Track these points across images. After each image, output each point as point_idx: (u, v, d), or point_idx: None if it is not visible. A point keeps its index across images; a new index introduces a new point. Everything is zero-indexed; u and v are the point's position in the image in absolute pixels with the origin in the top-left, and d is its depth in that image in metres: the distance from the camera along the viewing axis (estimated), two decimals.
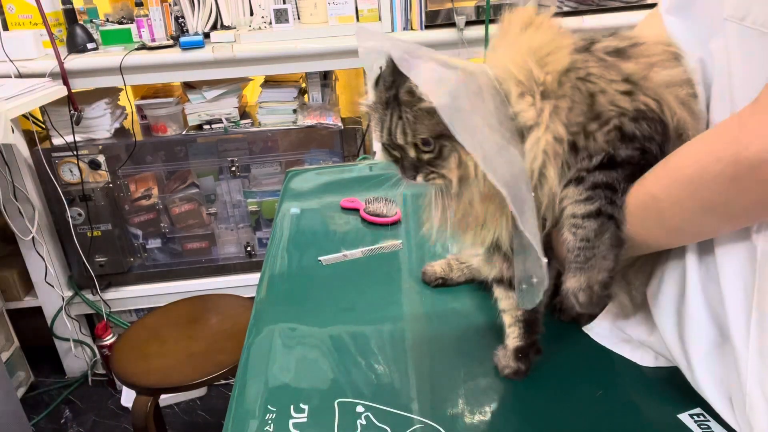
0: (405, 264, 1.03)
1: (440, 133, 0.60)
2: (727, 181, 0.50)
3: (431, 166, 0.63)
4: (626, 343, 0.76)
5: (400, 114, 0.62)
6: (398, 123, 0.62)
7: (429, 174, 0.64)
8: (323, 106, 2.18)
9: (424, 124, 0.61)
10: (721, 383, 0.61)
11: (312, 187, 1.39)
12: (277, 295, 0.97)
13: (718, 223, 0.57)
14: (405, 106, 0.61)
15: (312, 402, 0.73)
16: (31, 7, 1.94)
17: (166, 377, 1.46)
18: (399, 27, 1.99)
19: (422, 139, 0.62)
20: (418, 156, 0.63)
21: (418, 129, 0.61)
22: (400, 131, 0.63)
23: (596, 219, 0.61)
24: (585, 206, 0.62)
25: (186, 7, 1.99)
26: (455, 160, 0.61)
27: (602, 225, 0.62)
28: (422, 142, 0.62)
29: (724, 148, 0.50)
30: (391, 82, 0.63)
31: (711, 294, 0.61)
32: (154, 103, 2.12)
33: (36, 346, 2.32)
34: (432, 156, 0.62)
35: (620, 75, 0.60)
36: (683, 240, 0.62)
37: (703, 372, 0.62)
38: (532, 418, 0.70)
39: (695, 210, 0.55)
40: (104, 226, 2.14)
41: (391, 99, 0.63)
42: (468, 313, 0.89)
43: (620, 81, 0.60)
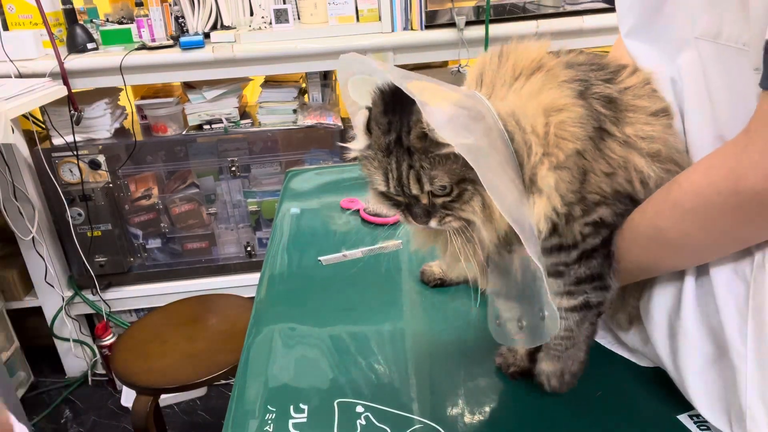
0: (405, 264, 1.03)
1: (462, 177, 0.55)
2: (730, 211, 0.51)
3: (447, 210, 0.58)
4: (625, 344, 0.77)
5: (411, 162, 0.56)
6: (410, 172, 0.56)
7: (444, 218, 0.58)
8: (323, 106, 2.18)
9: (444, 170, 0.55)
10: (716, 398, 0.61)
11: (312, 187, 1.39)
12: (277, 295, 0.97)
13: (726, 248, 0.57)
14: (418, 153, 0.55)
15: (312, 402, 0.73)
16: (31, 7, 1.94)
17: (166, 377, 1.46)
18: (399, 27, 1.99)
19: (440, 185, 0.56)
20: (431, 201, 0.58)
21: (437, 176, 0.55)
22: (413, 181, 0.56)
23: (579, 312, 0.66)
24: (568, 300, 0.65)
25: (186, 7, 1.99)
26: (479, 204, 0.56)
27: (584, 316, 0.67)
28: (440, 187, 0.56)
29: (723, 180, 0.51)
30: (387, 125, 0.56)
31: (706, 308, 0.61)
32: (154, 103, 2.12)
33: (36, 346, 2.32)
34: (448, 200, 0.57)
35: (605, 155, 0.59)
36: (692, 264, 0.61)
37: (698, 386, 0.62)
38: (532, 418, 0.70)
39: (703, 239, 0.56)
40: (104, 226, 2.14)
41: (392, 144, 0.56)
42: (468, 313, 0.89)
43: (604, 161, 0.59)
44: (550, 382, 0.70)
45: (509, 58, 0.61)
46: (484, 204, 0.56)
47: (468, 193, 0.56)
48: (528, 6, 1.98)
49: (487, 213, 0.56)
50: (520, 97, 0.58)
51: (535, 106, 0.57)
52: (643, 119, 0.61)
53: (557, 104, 0.57)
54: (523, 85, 0.59)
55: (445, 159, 0.55)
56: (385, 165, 0.57)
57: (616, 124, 0.60)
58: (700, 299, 0.61)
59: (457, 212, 0.57)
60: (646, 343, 0.71)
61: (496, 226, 0.56)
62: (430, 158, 0.55)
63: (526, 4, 1.98)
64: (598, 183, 0.60)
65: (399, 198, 0.60)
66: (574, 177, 0.58)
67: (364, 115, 0.58)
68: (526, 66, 0.60)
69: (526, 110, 0.57)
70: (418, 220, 0.59)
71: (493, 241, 0.58)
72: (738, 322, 0.56)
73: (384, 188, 0.59)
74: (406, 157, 0.56)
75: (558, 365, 0.69)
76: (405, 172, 0.56)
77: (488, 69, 0.62)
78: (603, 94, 0.60)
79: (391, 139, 0.56)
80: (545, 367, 0.70)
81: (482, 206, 0.56)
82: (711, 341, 0.61)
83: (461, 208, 0.57)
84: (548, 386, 0.70)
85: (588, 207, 0.61)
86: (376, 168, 0.59)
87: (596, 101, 0.60)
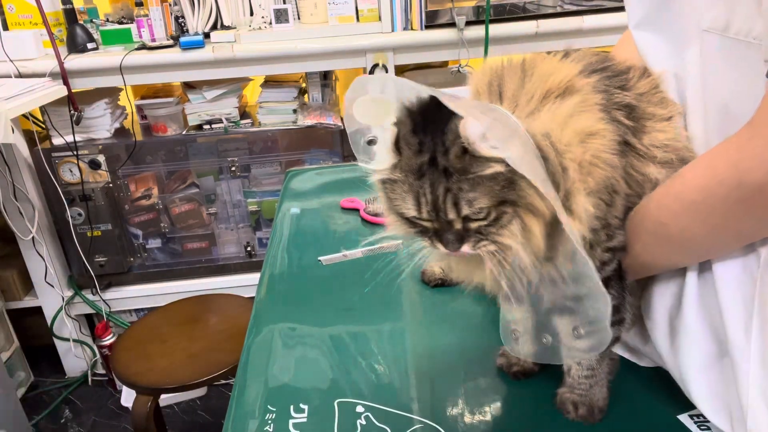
0: (405, 264, 1.03)
1: (502, 199, 0.52)
2: (733, 204, 0.51)
3: (481, 234, 0.54)
4: (625, 344, 0.77)
5: (447, 185, 0.51)
6: (447, 196, 0.52)
7: (479, 242, 0.55)
8: (323, 106, 2.18)
9: (484, 192, 0.51)
10: (717, 397, 0.61)
11: (312, 187, 1.39)
12: (277, 295, 0.97)
13: (728, 243, 0.56)
14: (457, 173, 0.51)
15: (312, 402, 0.73)
16: (31, 7, 1.94)
17: (166, 377, 1.46)
18: (399, 27, 1.99)
19: (479, 207, 0.52)
20: (465, 226, 0.54)
21: (477, 199, 0.51)
22: (450, 205, 0.52)
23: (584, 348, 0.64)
24: (589, 340, 0.63)
25: (186, 7, 1.99)
26: (518, 227, 0.53)
27: (604, 353, 0.66)
28: (479, 210, 0.52)
29: (725, 173, 0.50)
30: (418, 145, 0.52)
31: (709, 306, 0.60)
32: (154, 103, 2.12)
33: (36, 346, 2.32)
34: (484, 224, 0.53)
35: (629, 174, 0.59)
36: (694, 260, 0.61)
37: (699, 385, 0.62)
38: (532, 418, 0.70)
39: (705, 234, 0.56)
40: (104, 226, 2.14)
41: (425, 166, 0.52)
42: (468, 313, 0.89)
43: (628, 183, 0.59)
44: (578, 410, 0.69)
45: (534, 73, 0.58)
46: (523, 227, 0.53)
47: (507, 216, 0.53)
48: (528, 6, 1.98)
49: (527, 236, 0.53)
50: (555, 118, 0.55)
51: (572, 130, 0.55)
52: (658, 126, 0.61)
53: (592, 129, 0.56)
54: (557, 106, 0.56)
55: (485, 180, 0.51)
56: (417, 189, 0.53)
57: (636, 134, 0.60)
58: (703, 297, 0.61)
59: (492, 236, 0.54)
60: (646, 342, 0.71)
61: (534, 248, 0.54)
62: (470, 179, 0.51)
63: (526, 4, 1.98)
64: (620, 205, 0.59)
65: (428, 224, 0.56)
66: (603, 202, 0.58)
67: (392, 132, 0.54)
68: (555, 85, 0.57)
69: (563, 133, 0.54)
70: (450, 246, 0.55)
71: (533, 264, 0.55)
72: (743, 320, 0.56)
73: (414, 214, 0.55)
74: (442, 179, 0.52)
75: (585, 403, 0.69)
76: (441, 195, 0.52)
77: (508, 81, 0.58)
78: (623, 102, 0.60)
79: (423, 160, 0.52)
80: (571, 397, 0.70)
81: (521, 229, 0.53)
82: (713, 339, 0.61)
83: (497, 233, 0.54)
84: (574, 414, 0.69)
85: (611, 232, 0.60)
86: (405, 192, 0.54)
87: (618, 111, 0.59)
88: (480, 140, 0.49)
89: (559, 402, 0.70)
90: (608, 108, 0.58)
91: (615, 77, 0.62)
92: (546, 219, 0.53)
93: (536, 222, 0.53)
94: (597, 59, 0.64)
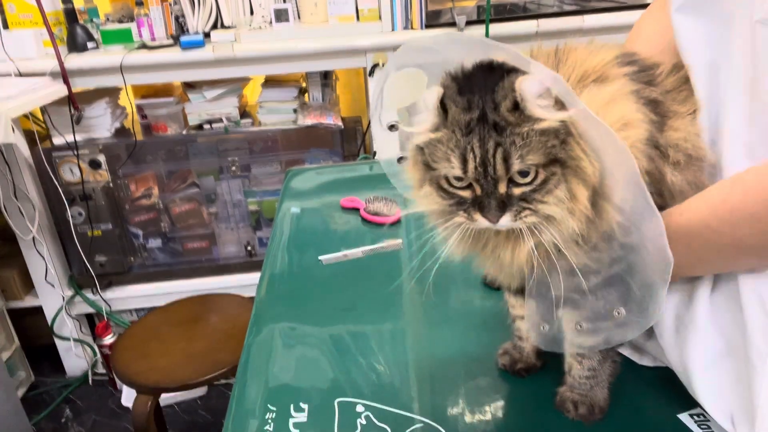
0: (405, 264, 1.03)
1: (554, 158, 0.51)
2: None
3: (525, 202, 0.52)
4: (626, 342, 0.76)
5: (498, 140, 0.50)
6: (497, 150, 0.50)
7: (521, 212, 0.52)
8: (323, 105, 2.18)
9: (537, 147, 0.50)
10: (721, 395, 0.60)
11: (312, 187, 1.39)
12: (277, 295, 0.97)
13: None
14: (511, 126, 0.50)
15: (312, 402, 0.73)
16: (31, 7, 1.94)
17: (167, 377, 1.46)
18: (399, 26, 1.99)
19: (531, 164, 0.51)
20: (509, 192, 0.52)
21: (529, 154, 0.50)
22: (500, 160, 0.51)
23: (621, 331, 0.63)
24: (591, 338, 0.64)
25: (186, 6, 1.99)
26: (564, 192, 0.51)
27: (606, 353, 0.66)
28: (529, 167, 0.51)
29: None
30: (467, 104, 0.52)
31: (719, 303, 0.60)
32: (154, 102, 2.12)
33: (36, 346, 2.32)
34: (529, 189, 0.52)
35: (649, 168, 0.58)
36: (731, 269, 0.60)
37: (704, 382, 0.61)
38: (532, 417, 0.70)
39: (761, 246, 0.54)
40: (104, 225, 2.14)
41: (474, 122, 0.51)
42: (468, 312, 0.89)
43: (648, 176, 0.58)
44: (578, 409, 0.69)
45: (568, 59, 0.58)
46: (570, 193, 0.51)
47: (554, 179, 0.51)
48: (528, 6, 1.98)
49: (572, 204, 0.52)
50: (595, 102, 0.54)
51: (613, 117, 0.54)
52: (674, 125, 0.61)
53: (631, 118, 0.55)
54: (598, 90, 0.55)
55: (537, 134, 0.50)
56: (465, 144, 0.51)
57: (660, 131, 0.59)
58: (715, 293, 0.61)
59: (536, 204, 0.52)
60: (649, 337, 0.71)
61: (579, 217, 0.52)
62: (522, 134, 0.50)
63: (526, 3, 1.98)
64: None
65: (466, 193, 0.54)
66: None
67: (436, 92, 0.53)
68: (591, 68, 0.57)
69: (606, 118, 0.53)
70: (490, 215, 0.52)
71: (573, 238, 0.53)
72: (763, 321, 0.55)
73: (460, 172, 0.53)
74: (492, 134, 0.50)
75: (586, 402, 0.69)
76: (491, 149, 0.51)
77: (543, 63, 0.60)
78: (650, 98, 0.59)
79: (473, 116, 0.51)
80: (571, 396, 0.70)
81: (568, 195, 0.51)
82: (720, 336, 0.60)
83: (543, 200, 0.52)
84: (574, 413, 0.69)
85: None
86: (451, 149, 0.52)
87: (645, 106, 0.58)
88: (535, 98, 0.49)
89: (559, 400, 0.70)
90: (638, 98, 0.58)
91: (642, 72, 0.62)
92: (593, 187, 0.52)
93: (583, 188, 0.51)
94: (624, 51, 0.63)
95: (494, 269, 0.63)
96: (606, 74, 0.57)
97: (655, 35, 0.76)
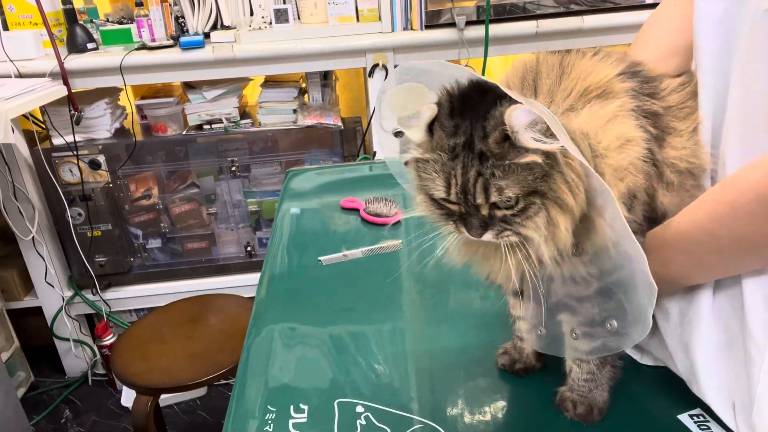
0: (405, 264, 1.03)
1: (532, 189, 0.52)
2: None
3: (506, 223, 0.54)
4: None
5: (480, 169, 0.52)
6: (478, 180, 0.52)
7: (502, 231, 0.55)
8: (323, 106, 2.18)
9: (516, 180, 0.51)
10: (723, 388, 0.60)
11: (312, 187, 1.39)
12: (277, 295, 0.97)
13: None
14: (494, 158, 0.51)
15: (312, 402, 0.73)
16: (31, 7, 1.94)
17: (167, 377, 1.46)
18: (399, 27, 1.99)
19: (509, 195, 0.52)
20: (491, 213, 0.54)
21: (508, 186, 0.51)
22: (480, 190, 0.52)
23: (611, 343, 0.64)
24: (588, 344, 0.64)
25: (186, 7, 1.99)
26: (543, 219, 0.53)
27: (605, 359, 0.66)
28: (507, 198, 0.52)
29: None
30: (454, 128, 0.53)
31: (721, 295, 0.60)
32: (154, 103, 2.12)
33: (36, 346, 2.32)
34: (510, 213, 0.53)
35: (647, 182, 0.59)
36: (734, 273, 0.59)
37: (708, 375, 0.61)
38: (532, 417, 0.70)
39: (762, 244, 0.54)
40: (104, 226, 2.14)
41: (460, 148, 0.52)
42: (468, 312, 0.89)
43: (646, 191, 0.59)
44: (577, 408, 0.69)
45: (572, 70, 0.58)
46: (549, 220, 0.53)
47: (534, 207, 0.53)
48: (528, 6, 1.98)
49: (551, 230, 0.53)
50: (595, 120, 0.55)
51: (612, 135, 0.55)
52: (672, 142, 0.61)
53: (630, 136, 0.56)
54: (599, 108, 0.56)
55: (520, 168, 0.51)
56: (449, 170, 0.53)
57: (659, 146, 0.59)
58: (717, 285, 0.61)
59: (517, 227, 0.54)
60: (651, 336, 0.71)
61: (557, 243, 0.54)
62: (504, 166, 0.51)
63: (526, 4, 1.98)
64: (639, 210, 0.59)
65: (454, 207, 0.56)
66: (625, 206, 0.57)
67: (430, 111, 0.54)
68: (594, 84, 0.57)
69: (603, 136, 0.54)
70: (473, 231, 0.55)
71: (554, 258, 0.55)
72: (764, 314, 0.55)
73: (443, 195, 0.55)
74: (475, 163, 0.52)
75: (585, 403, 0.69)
76: (472, 179, 0.52)
77: (545, 77, 0.58)
78: (651, 110, 0.60)
79: (458, 141, 0.52)
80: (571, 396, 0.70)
81: (546, 222, 0.53)
82: (723, 329, 0.60)
83: (522, 224, 0.54)
84: (573, 412, 0.69)
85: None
86: (436, 172, 0.54)
87: (645, 119, 0.59)
88: (524, 130, 0.49)
89: (558, 399, 0.70)
90: (638, 114, 0.58)
91: (645, 84, 0.62)
92: (574, 216, 0.53)
93: (563, 217, 0.53)
94: (629, 62, 0.63)
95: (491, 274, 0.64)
96: (609, 89, 0.57)
97: (665, 37, 0.76)
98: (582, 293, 0.61)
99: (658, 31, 0.78)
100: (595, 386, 0.68)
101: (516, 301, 0.73)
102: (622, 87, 0.58)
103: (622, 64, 0.62)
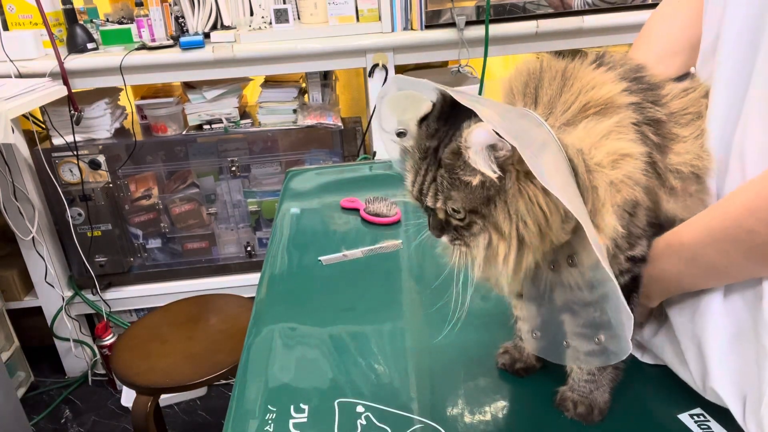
0: (405, 264, 1.03)
1: (473, 208, 0.54)
2: None
3: (458, 233, 0.57)
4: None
5: (435, 175, 0.55)
6: (431, 185, 0.55)
7: (455, 239, 0.58)
8: (323, 106, 2.18)
9: (460, 194, 0.54)
10: (733, 381, 0.60)
11: (312, 187, 1.39)
12: (277, 295, 0.97)
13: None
14: (445, 168, 0.54)
15: (312, 402, 0.73)
16: (31, 7, 1.94)
17: (167, 377, 1.46)
18: (399, 27, 1.99)
19: (453, 208, 0.55)
20: (447, 219, 0.57)
21: (452, 198, 0.54)
22: (431, 194, 0.56)
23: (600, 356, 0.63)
24: (588, 344, 0.63)
25: (186, 7, 1.99)
26: (484, 241, 0.55)
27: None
28: (453, 210, 0.55)
29: None
30: (434, 131, 0.55)
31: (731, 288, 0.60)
32: (154, 103, 2.12)
33: (36, 346, 2.32)
34: (461, 225, 0.56)
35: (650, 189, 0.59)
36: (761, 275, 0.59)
37: (720, 369, 0.61)
38: (532, 417, 0.70)
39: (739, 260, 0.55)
40: (104, 226, 2.14)
41: (429, 151, 0.55)
42: (468, 312, 0.88)
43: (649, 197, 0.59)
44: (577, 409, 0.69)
45: (574, 83, 0.58)
46: (489, 244, 0.55)
47: (476, 226, 0.55)
48: (528, 6, 1.98)
49: (490, 254, 0.55)
50: (589, 136, 0.55)
51: (605, 151, 0.55)
52: (677, 149, 0.61)
53: (625, 151, 0.56)
54: (594, 125, 0.56)
55: (463, 184, 0.53)
56: (417, 167, 0.56)
57: (659, 151, 0.60)
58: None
59: (465, 239, 0.57)
60: (655, 333, 0.71)
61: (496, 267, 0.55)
62: (453, 178, 0.53)
63: (526, 4, 1.98)
64: (643, 216, 0.60)
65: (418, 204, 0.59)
66: (627, 213, 0.58)
67: (427, 106, 0.57)
68: (595, 100, 0.57)
69: (596, 152, 0.55)
70: (432, 231, 0.59)
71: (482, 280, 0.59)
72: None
73: (409, 189, 0.59)
74: (433, 169, 0.55)
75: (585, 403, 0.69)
76: (427, 182, 0.55)
77: (546, 86, 0.59)
78: (654, 118, 0.60)
79: (431, 145, 0.55)
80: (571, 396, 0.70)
81: (486, 246, 0.55)
82: (734, 321, 0.60)
83: (468, 238, 0.56)
84: (573, 412, 0.69)
85: (633, 241, 0.60)
86: (411, 167, 0.58)
87: (648, 127, 0.59)
88: (478, 150, 0.50)
89: (559, 399, 0.70)
90: (640, 123, 0.58)
91: (648, 90, 0.61)
92: (516, 245, 0.53)
93: (502, 243, 0.54)
94: (632, 68, 0.63)
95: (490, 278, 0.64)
96: (610, 104, 0.57)
97: (668, 36, 0.76)
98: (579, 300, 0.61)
99: (661, 30, 0.78)
100: (595, 387, 0.68)
101: (517, 301, 0.73)
102: (625, 101, 0.58)
103: (625, 75, 0.61)
